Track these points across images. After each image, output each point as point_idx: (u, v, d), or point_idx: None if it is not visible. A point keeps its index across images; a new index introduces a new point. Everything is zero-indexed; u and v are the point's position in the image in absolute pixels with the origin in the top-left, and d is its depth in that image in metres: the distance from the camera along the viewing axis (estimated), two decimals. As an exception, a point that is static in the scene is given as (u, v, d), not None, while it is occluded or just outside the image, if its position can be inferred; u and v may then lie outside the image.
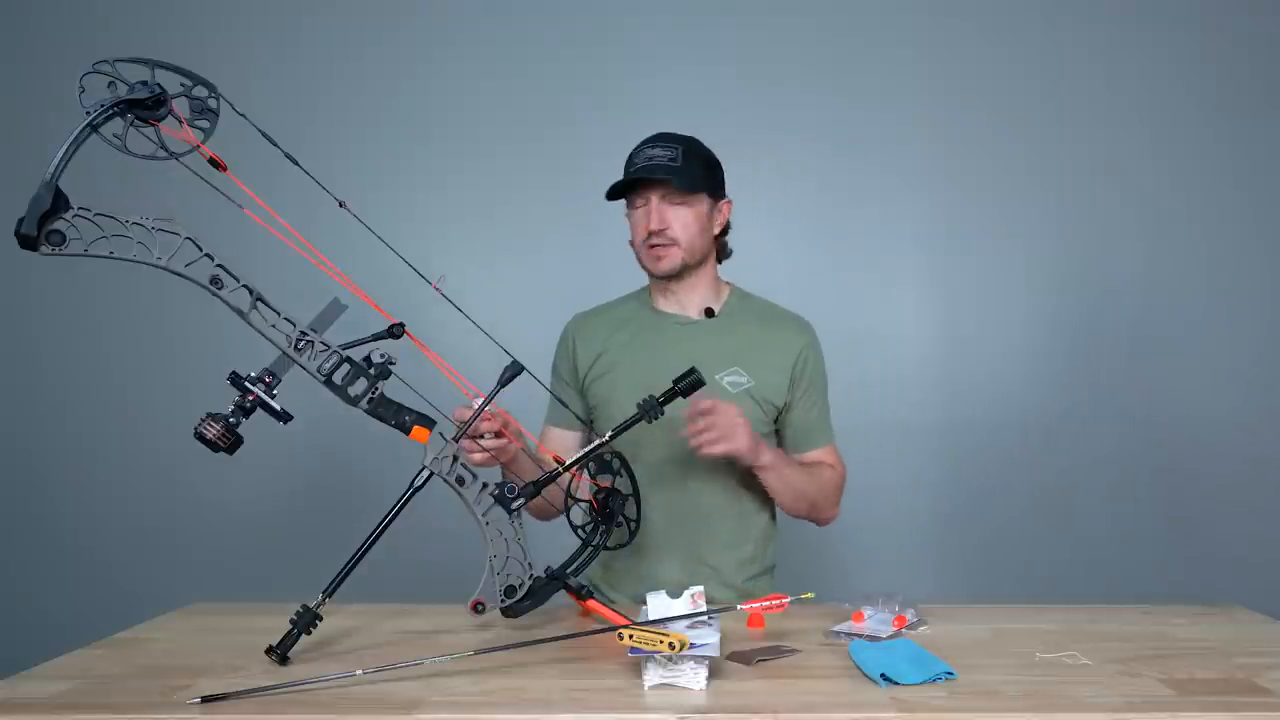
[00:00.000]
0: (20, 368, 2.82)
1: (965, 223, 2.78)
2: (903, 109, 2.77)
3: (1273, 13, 2.75)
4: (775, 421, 1.69)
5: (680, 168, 1.58)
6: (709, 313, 1.68)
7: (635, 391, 1.43)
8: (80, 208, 1.12)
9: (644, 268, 1.67)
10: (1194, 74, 2.76)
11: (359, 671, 1.13)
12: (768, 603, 1.25)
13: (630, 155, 1.63)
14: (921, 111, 2.77)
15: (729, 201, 1.68)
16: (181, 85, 1.19)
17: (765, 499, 1.68)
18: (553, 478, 1.38)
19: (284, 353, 1.22)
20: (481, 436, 1.41)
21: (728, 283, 1.74)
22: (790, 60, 2.78)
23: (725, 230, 1.70)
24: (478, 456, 1.40)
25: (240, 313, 1.19)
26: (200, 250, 1.17)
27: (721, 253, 1.72)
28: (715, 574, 1.64)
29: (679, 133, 1.65)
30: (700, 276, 1.68)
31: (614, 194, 1.63)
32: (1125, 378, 2.75)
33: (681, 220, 1.60)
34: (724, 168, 1.68)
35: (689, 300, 1.68)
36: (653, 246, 1.62)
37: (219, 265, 1.18)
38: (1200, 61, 2.76)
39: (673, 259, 1.61)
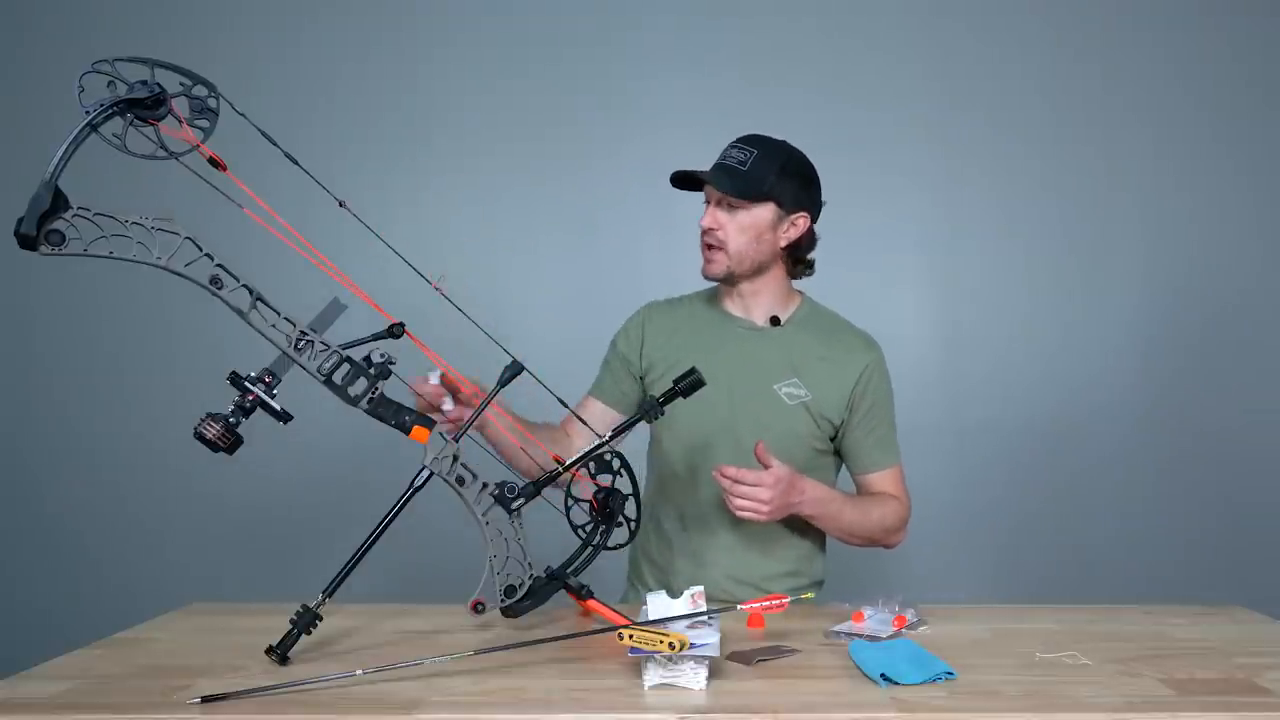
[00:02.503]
0: (20, 368, 2.82)
1: (966, 222, 2.78)
2: (903, 109, 2.77)
3: (1272, 13, 2.75)
4: (833, 439, 1.65)
5: (744, 172, 1.55)
6: (774, 321, 1.65)
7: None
8: (80, 207, 1.12)
9: None
10: (1194, 73, 2.76)
11: (359, 671, 1.13)
12: (768, 603, 1.25)
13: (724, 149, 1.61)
14: (921, 111, 2.77)
15: (806, 216, 1.61)
16: (181, 85, 1.19)
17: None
18: (553, 478, 1.38)
19: (284, 352, 1.22)
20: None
21: (800, 292, 1.71)
22: (791, 60, 2.78)
23: (802, 245, 1.64)
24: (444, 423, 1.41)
25: (240, 313, 1.19)
26: (200, 250, 1.16)
27: (798, 267, 1.67)
28: (750, 578, 1.64)
29: (776, 138, 1.61)
30: (763, 284, 1.64)
31: (676, 183, 1.60)
32: (1126, 377, 2.75)
33: (736, 225, 1.57)
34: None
35: (755, 306, 1.66)
36: (706, 246, 1.61)
37: (219, 265, 1.17)
38: (1200, 61, 2.76)
39: (718, 264, 1.59)
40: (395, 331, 1.27)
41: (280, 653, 1.21)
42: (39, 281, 2.75)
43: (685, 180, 1.61)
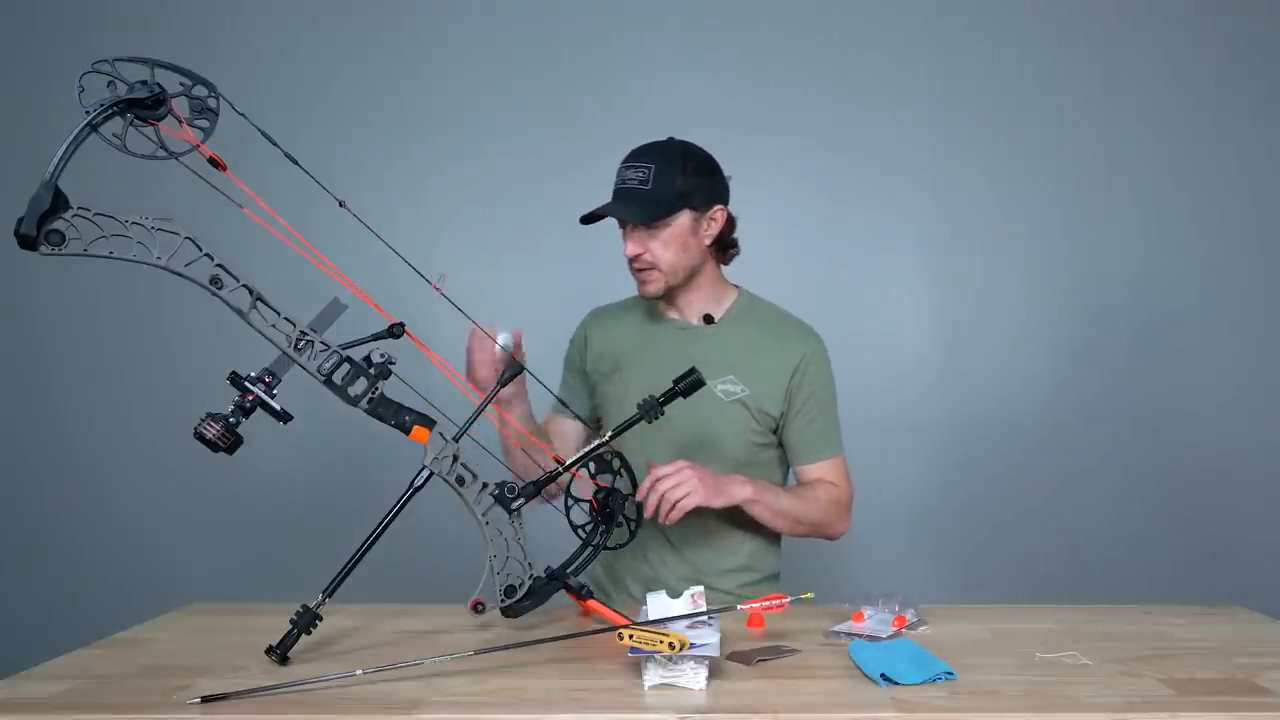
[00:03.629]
0: (20, 368, 2.82)
1: (965, 222, 2.79)
2: (903, 109, 2.77)
3: (1272, 13, 2.75)
4: (775, 432, 1.65)
5: (648, 191, 1.52)
6: (708, 319, 1.65)
7: (635, 396, 1.42)
8: (80, 207, 1.12)
9: None
10: (1195, 73, 2.76)
11: (359, 671, 1.13)
12: (768, 603, 1.25)
13: (618, 171, 1.58)
14: (921, 111, 2.77)
15: (721, 208, 1.60)
16: (181, 85, 1.19)
17: None
18: (553, 477, 1.38)
19: (284, 352, 1.22)
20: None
21: (736, 286, 1.70)
22: (791, 60, 2.78)
23: (725, 234, 1.63)
24: (484, 372, 1.47)
25: (240, 312, 1.19)
26: (200, 250, 1.17)
27: (725, 255, 1.66)
28: (700, 576, 1.62)
29: (662, 140, 1.58)
30: (697, 287, 1.64)
31: (587, 221, 1.58)
32: (1126, 377, 2.75)
33: (659, 243, 1.55)
34: (723, 168, 1.62)
35: (689, 307, 1.66)
36: (637, 270, 1.59)
37: (219, 265, 1.17)
38: (1201, 61, 2.76)
39: (656, 283, 1.58)
40: (395, 331, 1.27)
41: (280, 653, 1.21)
42: (39, 281, 2.75)
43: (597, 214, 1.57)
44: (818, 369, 1.64)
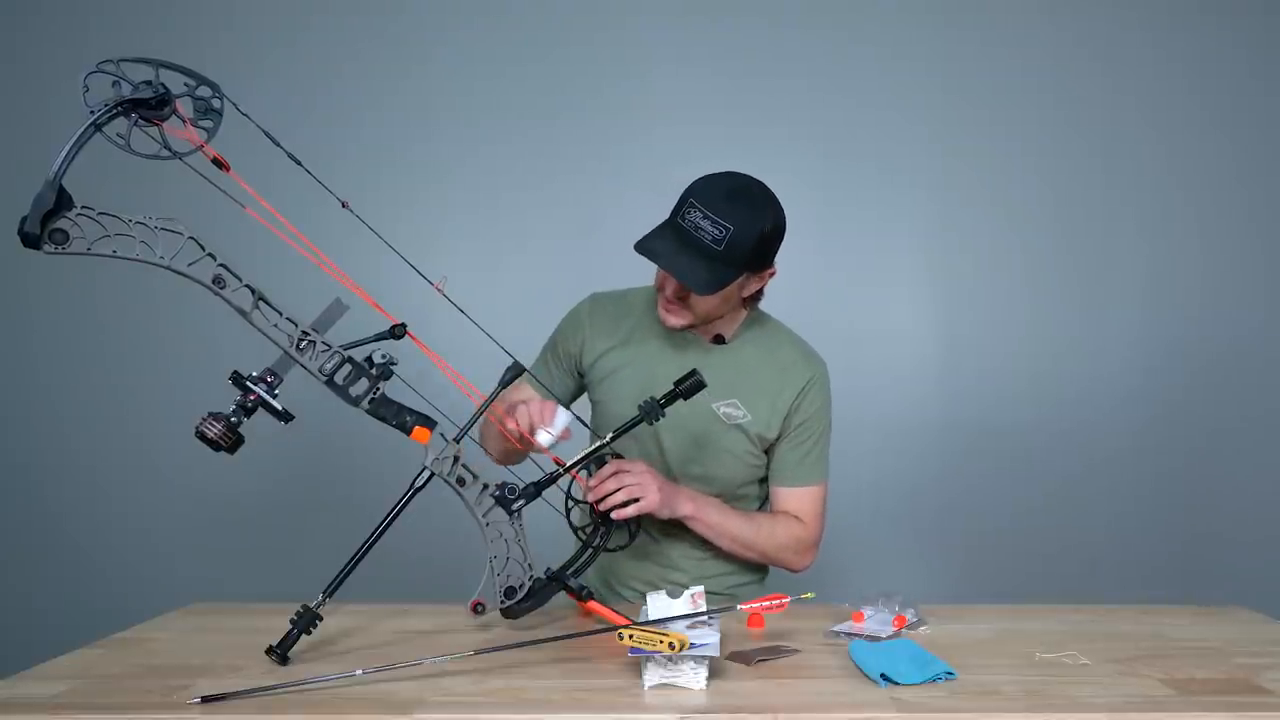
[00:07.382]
0: (20, 367, 2.82)
1: (963, 222, 2.79)
2: (900, 107, 2.77)
3: (1273, 12, 2.76)
4: (767, 452, 1.63)
5: (718, 254, 1.40)
6: (718, 339, 1.61)
7: (633, 399, 1.41)
8: (84, 207, 1.12)
9: None
10: (1195, 73, 2.76)
11: (359, 671, 1.13)
12: (768, 603, 1.25)
13: (686, 194, 1.45)
14: (920, 110, 2.77)
15: (773, 271, 1.54)
16: (185, 85, 1.20)
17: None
18: (554, 479, 1.38)
19: (286, 352, 1.22)
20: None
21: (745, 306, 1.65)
22: (787, 59, 2.78)
23: (763, 289, 1.59)
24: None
25: (242, 312, 1.19)
26: (203, 250, 1.17)
27: (751, 300, 1.60)
28: (684, 575, 1.62)
29: (754, 190, 1.47)
30: (717, 320, 1.59)
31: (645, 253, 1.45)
32: (1127, 378, 2.76)
33: (703, 297, 1.47)
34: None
35: (704, 330, 1.61)
36: (666, 301, 1.52)
37: (221, 265, 1.18)
38: (1202, 60, 2.76)
39: (681, 320, 1.52)
40: (397, 332, 1.27)
41: (280, 653, 1.21)
42: (38, 281, 2.75)
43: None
44: (817, 395, 1.61)
